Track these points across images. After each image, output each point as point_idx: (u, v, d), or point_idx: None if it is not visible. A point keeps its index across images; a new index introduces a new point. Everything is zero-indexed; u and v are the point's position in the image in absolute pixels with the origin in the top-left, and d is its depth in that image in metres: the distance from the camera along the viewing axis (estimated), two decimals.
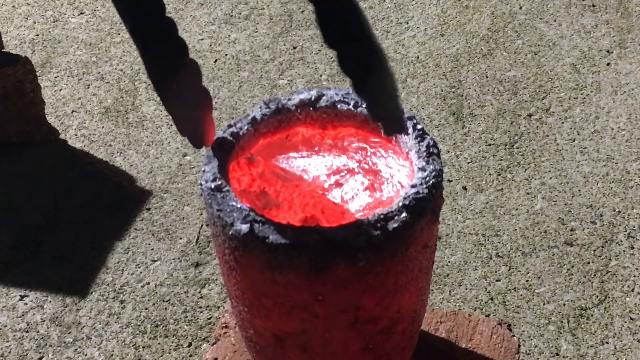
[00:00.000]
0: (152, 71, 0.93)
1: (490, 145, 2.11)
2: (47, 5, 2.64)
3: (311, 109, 1.12)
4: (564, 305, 1.73)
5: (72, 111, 2.26)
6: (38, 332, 1.72)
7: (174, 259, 1.86)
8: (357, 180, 1.11)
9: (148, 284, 1.81)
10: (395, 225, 0.95)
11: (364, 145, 1.12)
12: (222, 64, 2.40)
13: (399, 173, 1.09)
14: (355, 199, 1.09)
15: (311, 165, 1.12)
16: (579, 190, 1.98)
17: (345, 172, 1.12)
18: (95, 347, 1.69)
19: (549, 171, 2.03)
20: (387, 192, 1.08)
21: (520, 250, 1.84)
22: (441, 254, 1.83)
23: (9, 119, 2.11)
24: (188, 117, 0.98)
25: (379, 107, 0.90)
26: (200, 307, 1.76)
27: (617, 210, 1.93)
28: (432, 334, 1.30)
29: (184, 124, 0.99)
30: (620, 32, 2.46)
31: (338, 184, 1.10)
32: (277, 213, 1.08)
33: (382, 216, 0.96)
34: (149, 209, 1.97)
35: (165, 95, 0.95)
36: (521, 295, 1.75)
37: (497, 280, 1.78)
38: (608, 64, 2.34)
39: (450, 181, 2.01)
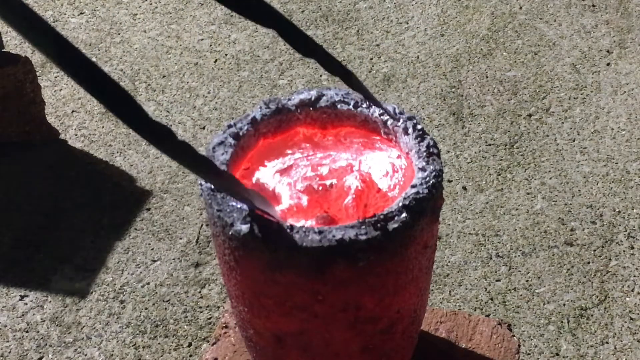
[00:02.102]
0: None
1: (490, 145, 2.11)
2: (47, 5, 2.64)
3: (311, 109, 1.11)
4: (564, 305, 1.73)
5: (72, 111, 2.26)
6: (38, 332, 1.72)
7: (174, 259, 1.86)
8: (359, 180, 1.11)
9: (148, 284, 1.81)
10: (395, 225, 0.95)
11: (364, 145, 1.12)
12: (222, 64, 2.40)
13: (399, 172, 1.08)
14: (360, 198, 1.09)
15: (312, 164, 1.12)
16: (579, 190, 1.98)
17: (347, 171, 1.12)
18: (95, 347, 1.69)
19: (549, 171, 2.03)
20: (389, 192, 1.08)
21: (520, 250, 1.84)
22: (441, 254, 1.83)
23: (9, 119, 2.11)
24: (264, 211, 0.99)
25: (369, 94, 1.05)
26: (200, 307, 1.75)
27: (617, 210, 1.93)
28: (432, 334, 1.29)
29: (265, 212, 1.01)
30: (620, 32, 2.45)
31: (341, 183, 1.10)
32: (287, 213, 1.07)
33: (382, 216, 0.95)
34: (149, 209, 1.97)
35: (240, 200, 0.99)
36: (521, 295, 1.75)
37: (497, 280, 1.78)
38: (608, 64, 2.34)
39: (450, 181, 2.01)
